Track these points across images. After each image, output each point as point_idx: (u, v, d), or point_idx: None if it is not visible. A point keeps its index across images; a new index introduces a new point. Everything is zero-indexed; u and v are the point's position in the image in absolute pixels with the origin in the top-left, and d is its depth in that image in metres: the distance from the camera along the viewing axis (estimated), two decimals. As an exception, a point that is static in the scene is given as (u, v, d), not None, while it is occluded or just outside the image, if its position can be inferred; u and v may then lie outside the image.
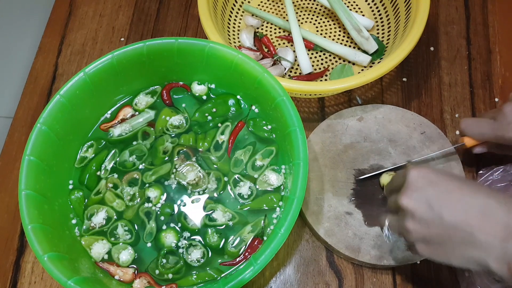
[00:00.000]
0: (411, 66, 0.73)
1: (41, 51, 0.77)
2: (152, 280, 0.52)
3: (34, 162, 0.51)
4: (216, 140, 0.59)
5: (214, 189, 0.57)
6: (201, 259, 0.53)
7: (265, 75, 0.55)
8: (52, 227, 0.51)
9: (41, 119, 0.53)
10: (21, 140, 0.69)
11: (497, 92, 0.70)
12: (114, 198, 0.56)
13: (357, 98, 0.70)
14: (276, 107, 0.54)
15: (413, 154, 0.63)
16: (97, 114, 0.60)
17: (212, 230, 0.55)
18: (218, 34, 0.63)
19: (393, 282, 0.58)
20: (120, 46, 0.63)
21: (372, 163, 0.63)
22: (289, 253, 0.61)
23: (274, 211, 0.55)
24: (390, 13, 0.73)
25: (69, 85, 0.55)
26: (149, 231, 0.55)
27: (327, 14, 0.77)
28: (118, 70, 0.57)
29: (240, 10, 0.77)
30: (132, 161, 0.59)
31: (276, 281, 0.59)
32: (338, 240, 0.58)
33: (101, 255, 0.54)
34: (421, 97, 0.70)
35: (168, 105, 0.62)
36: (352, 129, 0.65)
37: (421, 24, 0.62)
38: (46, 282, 0.60)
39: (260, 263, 0.46)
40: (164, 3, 0.80)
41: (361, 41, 0.70)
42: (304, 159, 0.50)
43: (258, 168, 0.58)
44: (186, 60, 0.59)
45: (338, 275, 0.59)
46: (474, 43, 0.74)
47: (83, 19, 0.79)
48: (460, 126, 0.59)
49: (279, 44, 0.75)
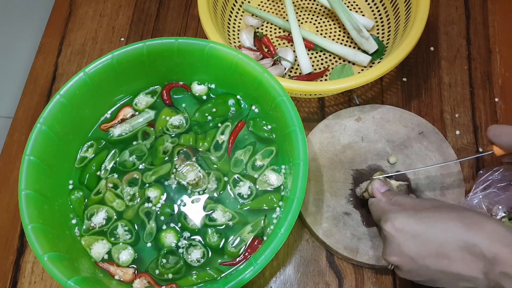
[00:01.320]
0: (411, 66, 0.73)
1: (41, 51, 0.77)
2: (152, 280, 0.52)
3: (34, 162, 0.51)
4: (216, 140, 0.59)
5: (214, 189, 0.57)
6: (201, 259, 0.53)
7: (265, 75, 0.55)
8: (52, 227, 0.51)
9: (41, 119, 0.53)
10: (21, 140, 0.69)
11: (497, 92, 0.70)
12: (114, 198, 0.56)
13: (356, 98, 0.70)
14: (276, 107, 0.54)
15: (411, 154, 0.63)
16: (97, 114, 0.60)
17: (212, 230, 0.55)
18: (218, 34, 0.63)
19: (393, 282, 0.58)
20: (120, 46, 0.63)
21: (370, 163, 0.63)
22: (289, 253, 0.61)
23: (274, 211, 0.55)
24: (390, 13, 0.73)
25: (69, 85, 0.55)
26: (149, 231, 0.55)
27: (327, 14, 0.77)
28: (118, 70, 0.57)
29: (240, 10, 0.77)
30: (132, 161, 0.59)
31: (276, 281, 0.59)
32: (337, 241, 0.58)
33: (101, 255, 0.54)
34: (421, 97, 0.70)
35: (168, 105, 0.62)
36: (350, 130, 0.65)
37: (421, 24, 0.62)
38: (46, 282, 0.60)
39: (260, 263, 0.46)
40: (164, 3, 0.80)
41: (361, 41, 0.70)
42: (304, 159, 0.50)
43: (258, 168, 0.58)
44: (186, 60, 0.59)
45: (338, 275, 0.59)
46: (474, 43, 0.74)
47: (83, 19, 0.79)
48: (488, 133, 0.54)
49: (279, 44, 0.75)
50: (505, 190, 0.58)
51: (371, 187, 0.55)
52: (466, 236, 0.42)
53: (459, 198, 0.60)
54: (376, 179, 0.55)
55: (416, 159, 0.63)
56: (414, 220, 0.45)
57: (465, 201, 0.59)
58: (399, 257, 0.46)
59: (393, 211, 0.47)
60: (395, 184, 0.56)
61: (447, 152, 0.63)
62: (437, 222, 0.44)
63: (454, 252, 0.43)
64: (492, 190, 0.59)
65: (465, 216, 0.44)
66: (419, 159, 0.63)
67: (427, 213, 0.45)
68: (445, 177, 0.62)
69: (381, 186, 0.54)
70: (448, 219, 0.44)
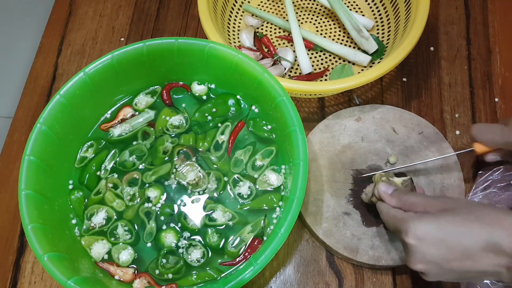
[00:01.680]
0: (411, 66, 0.73)
1: (41, 51, 0.77)
2: (152, 280, 0.52)
3: (34, 162, 0.52)
4: (216, 140, 0.59)
5: (214, 189, 0.57)
6: (201, 259, 0.53)
7: (265, 75, 0.55)
8: (52, 227, 0.51)
9: (41, 119, 0.53)
10: (21, 140, 0.69)
11: (497, 92, 0.70)
12: (114, 198, 0.56)
13: (356, 98, 0.70)
14: (276, 107, 0.54)
15: (411, 154, 0.63)
16: (97, 114, 0.60)
17: (212, 230, 0.55)
18: (218, 34, 0.63)
19: (393, 282, 0.58)
20: (120, 46, 0.63)
21: (370, 163, 0.63)
22: (289, 253, 0.61)
23: (274, 211, 0.55)
24: (390, 13, 0.73)
25: (69, 85, 0.55)
26: (149, 231, 0.55)
27: (327, 14, 0.77)
28: (118, 70, 0.57)
29: (240, 10, 0.77)
30: (132, 161, 0.59)
31: (276, 281, 0.59)
32: (337, 241, 0.58)
33: (101, 255, 0.54)
34: (421, 97, 0.70)
35: (168, 105, 0.62)
36: (350, 130, 0.65)
37: (421, 24, 0.62)
38: (46, 282, 0.60)
39: (260, 263, 0.46)
40: (164, 3, 0.80)
41: (361, 41, 0.70)
42: (304, 159, 0.50)
43: (258, 168, 0.58)
44: (186, 60, 0.59)
45: (338, 275, 0.59)
46: (474, 43, 0.74)
47: (83, 19, 0.79)
48: (471, 131, 0.56)
49: (279, 44, 0.75)
50: (505, 190, 0.58)
51: (377, 191, 0.54)
52: (487, 236, 0.43)
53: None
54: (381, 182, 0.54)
55: (416, 159, 0.63)
56: (435, 227, 0.45)
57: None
58: (425, 265, 0.46)
59: (410, 220, 0.47)
60: (399, 181, 0.55)
61: (447, 152, 0.63)
62: (457, 227, 0.44)
63: (477, 253, 0.43)
64: (492, 190, 0.59)
65: (482, 215, 0.44)
66: (419, 159, 0.63)
67: (445, 217, 0.46)
68: (445, 177, 0.62)
69: (388, 187, 0.53)
70: (467, 221, 0.44)
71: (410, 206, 0.49)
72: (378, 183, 0.54)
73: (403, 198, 0.50)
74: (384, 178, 0.55)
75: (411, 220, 0.46)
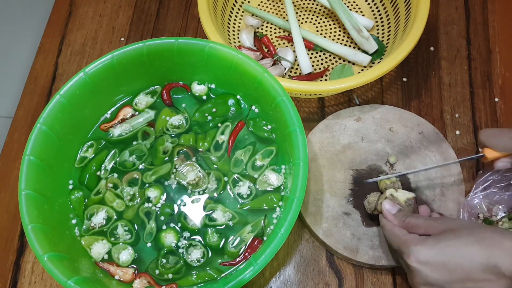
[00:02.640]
0: (411, 66, 0.73)
1: (41, 51, 0.77)
2: (152, 280, 0.52)
3: (34, 162, 0.52)
4: (216, 140, 0.59)
5: (214, 189, 0.57)
6: (201, 259, 0.53)
7: (265, 75, 0.55)
8: (52, 227, 0.51)
9: (41, 119, 0.53)
10: (21, 140, 0.69)
11: (497, 92, 0.70)
12: (114, 198, 0.56)
13: (356, 98, 0.70)
14: (276, 107, 0.54)
15: (411, 154, 0.63)
16: (97, 114, 0.60)
17: (212, 230, 0.55)
18: (218, 34, 0.63)
19: (393, 282, 0.59)
20: (120, 46, 0.63)
21: (370, 163, 0.63)
22: (289, 253, 0.61)
23: (274, 211, 0.55)
24: (390, 13, 0.73)
25: (69, 85, 0.55)
26: (149, 231, 0.55)
27: (327, 14, 0.77)
28: (118, 70, 0.57)
29: (240, 10, 0.77)
30: (132, 161, 0.59)
31: (276, 281, 0.59)
32: (336, 241, 0.58)
33: (101, 255, 0.54)
34: (421, 97, 0.70)
35: (168, 105, 0.62)
36: (350, 130, 0.65)
37: (421, 24, 0.62)
38: (46, 282, 0.60)
39: (260, 263, 0.46)
40: (164, 3, 0.80)
41: (361, 41, 0.70)
42: (304, 159, 0.50)
43: (258, 168, 0.58)
44: (186, 60, 0.59)
45: (338, 275, 0.59)
46: (474, 43, 0.74)
47: (83, 19, 0.79)
48: (479, 136, 0.55)
49: (279, 44, 0.75)
50: (505, 190, 0.58)
51: (381, 207, 0.54)
52: (487, 259, 0.44)
53: (459, 198, 0.60)
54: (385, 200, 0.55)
55: (416, 159, 0.63)
56: (436, 251, 0.46)
57: (465, 201, 0.59)
58: (428, 287, 0.47)
59: (413, 243, 0.48)
60: (402, 199, 0.54)
61: (447, 152, 0.63)
62: (458, 250, 0.46)
63: (478, 275, 0.45)
64: (492, 190, 0.59)
65: (482, 237, 0.45)
66: (419, 159, 0.63)
67: (447, 240, 0.47)
68: (445, 177, 0.62)
69: (392, 207, 0.54)
70: (468, 244, 0.45)
71: (412, 228, 0.51)
72: (382, 200, 0.55)
73: (406, 221, 0.52)
74: (389, 192, 0.55)
75: (414, 244, 0.48)
